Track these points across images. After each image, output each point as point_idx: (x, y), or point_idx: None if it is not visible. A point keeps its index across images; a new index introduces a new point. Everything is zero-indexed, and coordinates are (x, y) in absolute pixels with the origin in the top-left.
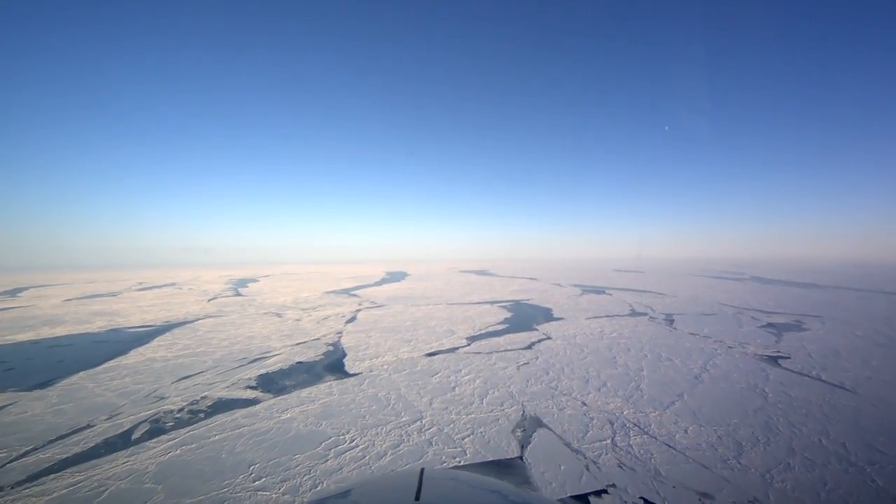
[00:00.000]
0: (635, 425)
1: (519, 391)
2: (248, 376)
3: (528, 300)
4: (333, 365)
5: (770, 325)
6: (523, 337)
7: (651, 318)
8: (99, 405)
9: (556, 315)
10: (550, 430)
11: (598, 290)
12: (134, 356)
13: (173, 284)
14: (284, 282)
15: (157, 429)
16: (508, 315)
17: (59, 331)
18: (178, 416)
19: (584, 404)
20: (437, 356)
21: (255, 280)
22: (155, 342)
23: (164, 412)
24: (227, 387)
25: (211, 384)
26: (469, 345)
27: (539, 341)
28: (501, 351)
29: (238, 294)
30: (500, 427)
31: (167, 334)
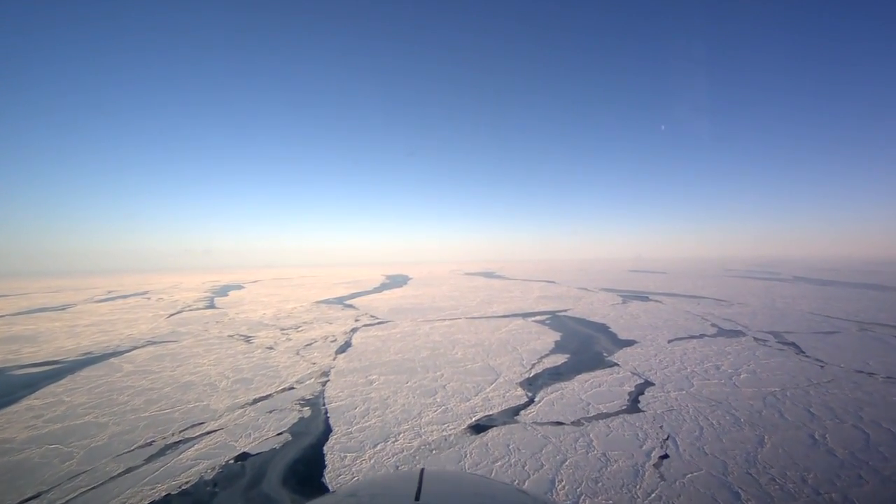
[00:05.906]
0: None
1: None
2: None
3: (565, 311)
4: (303, 465)
5: None
6: (608, 381)
7: (758, 340)
8: None
9: (621, 336)
10: None
11: (642, 297)
12: None
13: (144, 293)
14: (271, 289)
15: None
16: (557, 336)
17: None
18: None
19: None
20: (489, 434)
21: (239, 287)
22: (29, 399)
23: None
24: None
25: None
26: (532, 401)
27: (641, 392)
28: (594, 417)
29: (211, 306)
30: None
31: (66, 379)
